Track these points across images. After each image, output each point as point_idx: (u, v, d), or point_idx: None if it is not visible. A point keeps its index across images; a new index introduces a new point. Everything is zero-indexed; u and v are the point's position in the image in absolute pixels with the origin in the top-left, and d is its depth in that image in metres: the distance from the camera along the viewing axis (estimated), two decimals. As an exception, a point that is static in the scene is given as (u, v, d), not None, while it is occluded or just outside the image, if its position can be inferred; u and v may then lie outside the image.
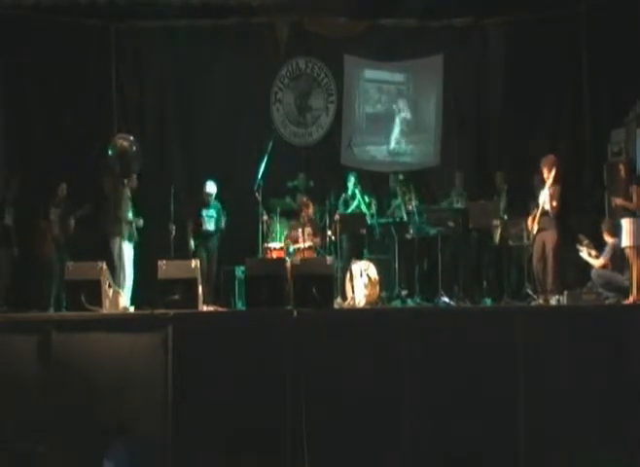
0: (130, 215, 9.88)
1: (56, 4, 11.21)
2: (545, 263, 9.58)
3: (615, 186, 10.18)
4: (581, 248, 9.50)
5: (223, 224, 10.66)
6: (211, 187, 10.62)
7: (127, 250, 9.77)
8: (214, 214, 10.66)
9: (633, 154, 10.42)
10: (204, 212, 10.62)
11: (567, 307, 8.69)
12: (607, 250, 9.30)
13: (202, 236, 10.58)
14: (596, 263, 9.29)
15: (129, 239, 9.80)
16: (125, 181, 9.90)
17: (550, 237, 9.58)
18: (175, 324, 7.80)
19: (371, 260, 10.19)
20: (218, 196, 10.68)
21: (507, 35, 12.00)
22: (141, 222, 9.89)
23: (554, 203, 9.49)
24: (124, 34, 12.05)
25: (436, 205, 11.23)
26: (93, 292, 8.36)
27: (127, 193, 9.99)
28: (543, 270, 9.58)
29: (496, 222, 10.36)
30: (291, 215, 11.00)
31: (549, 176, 9.63)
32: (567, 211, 10.01)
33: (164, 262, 8.57)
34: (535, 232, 9.63)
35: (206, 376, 7.73)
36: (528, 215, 9.78)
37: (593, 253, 9.39)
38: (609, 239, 9.37)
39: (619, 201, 9.83)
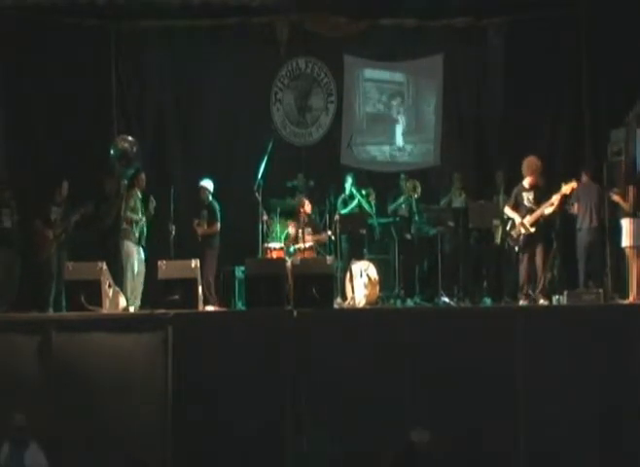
0: (141, 216, 9.96)
1: (56, 4, 11.17)
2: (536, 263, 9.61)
3: (614, 186, 10.18)
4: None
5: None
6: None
7: (138, 252, 9.87)
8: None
9: (633, 154, 10.42)
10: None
11: (567, 307, 8.70)
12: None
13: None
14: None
15: (139, 241, 9.91)
16: (135, 182, 10.05)
17: (543, 240, 9.60)
18: (175, 324, 7.82)
19: (371, 260, 10.19)
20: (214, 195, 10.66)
21: (507, 35, 11.97)
22: (154, 203, 9.99)
23: (557, 207, 9.52)
24: (124, 34, 12.02)
25: (435, 205, 11.23)
26: (93, 292, 8.39)
27: (138, 194, 10.06)
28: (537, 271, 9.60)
29: (496, 222, 10.36)
30: (291, 215, 11.00)
31: (535, 179, 9.62)
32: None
33: (164, 262, 8.59)
34: (528, 233, 9.57)
35: (206, 375, 7.74)
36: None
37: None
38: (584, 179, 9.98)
39: (616, 198, 9.85)
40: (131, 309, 9.26)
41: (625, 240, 9.37)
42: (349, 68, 12.41)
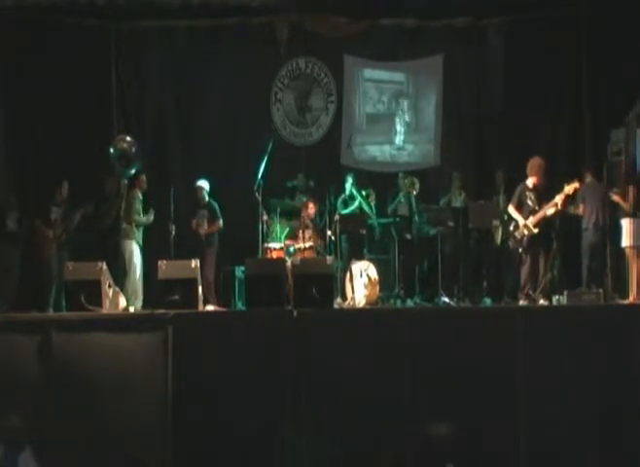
0: (141, 216, 9.99)
1: (56, 4, 11.18)
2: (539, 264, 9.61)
3: (614, 186, 10.18)
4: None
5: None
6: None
7: (138, 252, 9.87)
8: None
9: (633, 154, 10.42)
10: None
11: (567, 307, 8.69)
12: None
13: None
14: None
15: (139, 241, 9.93)
16: (136, 184, 10.12)
17: (545, 240, 9.59)
18: (175, 324, 7.81)
19: (371, 260, 10.20)
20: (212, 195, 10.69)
21: (507, 35, 11.98)
22: (152, 215, 10.06)
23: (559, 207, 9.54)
24: (124, 34, 12.04)
25: (435, 205, 11.23)
26: (93, 292, 8.38)
27: (139, 195, 10.10)
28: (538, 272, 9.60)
29: (496, 222, 10.36)
30: (291, 215, 11.00)
31: (539, 180, 9.62)
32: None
33: (164, 262, 8.59)
34: (531, 235, 9.57)
35: (206, 375, 7.74)
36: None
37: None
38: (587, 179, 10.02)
39: (616, 198, 9.86)
40: (131, 309, 9.27)
41: (625, 240, 9.36)
42: (349, 68, 12.42)
